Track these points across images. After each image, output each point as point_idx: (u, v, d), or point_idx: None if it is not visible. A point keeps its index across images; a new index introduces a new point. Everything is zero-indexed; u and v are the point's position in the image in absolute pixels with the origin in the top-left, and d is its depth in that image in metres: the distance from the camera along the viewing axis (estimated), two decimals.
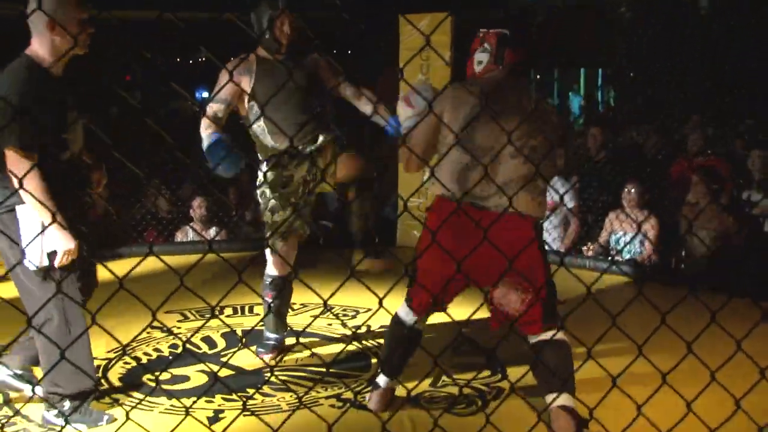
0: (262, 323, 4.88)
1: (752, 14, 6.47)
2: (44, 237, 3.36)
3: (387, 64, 7.82)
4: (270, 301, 4.77)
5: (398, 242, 7.66)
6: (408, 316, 3.85)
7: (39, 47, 3.42)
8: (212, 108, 4.48)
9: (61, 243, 3.41)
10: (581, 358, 2.85)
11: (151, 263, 2.69)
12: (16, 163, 3.29)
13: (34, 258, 3.40)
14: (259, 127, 4.52)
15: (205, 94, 13.85)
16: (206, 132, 4.34)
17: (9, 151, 3.31)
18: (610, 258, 6.82)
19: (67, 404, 3.66)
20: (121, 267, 3.09)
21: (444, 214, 3.57)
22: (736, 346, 2.24)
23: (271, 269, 4.77)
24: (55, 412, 3.71)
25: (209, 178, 8.41)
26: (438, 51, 3.35)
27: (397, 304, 3.74)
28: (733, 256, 6.27)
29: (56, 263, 3.46)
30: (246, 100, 4.53)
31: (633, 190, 6.70)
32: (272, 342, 4.87)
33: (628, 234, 6.84)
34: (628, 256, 6.80)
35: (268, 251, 4.76)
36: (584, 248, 7.17)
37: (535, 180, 3.51)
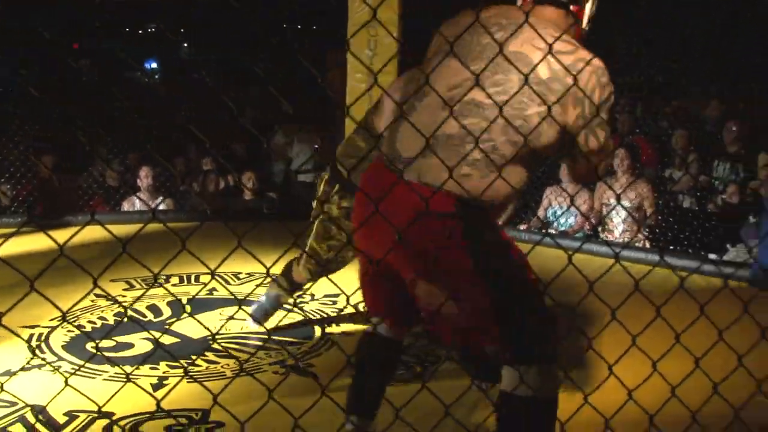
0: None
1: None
2: None
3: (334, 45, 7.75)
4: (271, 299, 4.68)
5: None
6: (373, 326, 2.89)
7: None
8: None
9: None
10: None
11: (98, 232, 2.59)
12: None
13: None
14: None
15: (154, 65, 13.69)
16: None
17: None
18: (544, 231, 6.86)
19: None
20: (66, 235, 3.02)
21: (366, 178, 2.65)
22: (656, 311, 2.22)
23: (298, 274, 4.56)
24: None
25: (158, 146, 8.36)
26: (386, 27, 3.20)
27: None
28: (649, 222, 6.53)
29: None
30: None
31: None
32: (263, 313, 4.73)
33: (563, 207, 6.93)
34: (562, 229, 6.89)
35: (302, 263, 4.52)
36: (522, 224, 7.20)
37: (489, 153, 2.37)
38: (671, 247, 6.23)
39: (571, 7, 2.60)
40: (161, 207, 7.62)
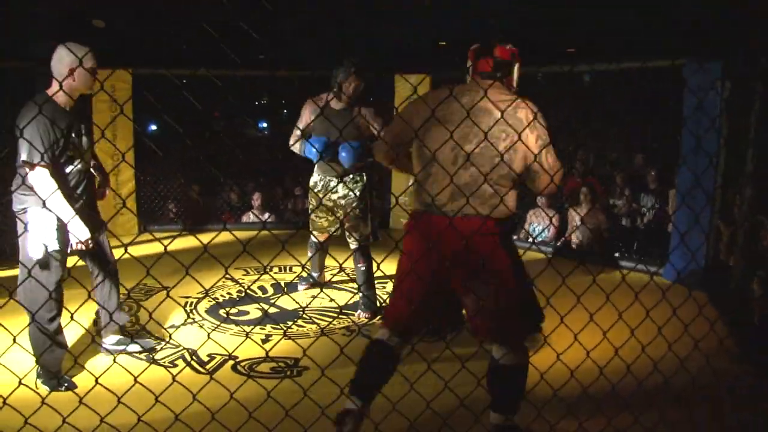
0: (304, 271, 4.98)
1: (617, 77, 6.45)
2: (44, 232, 3.03)
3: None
4: (312, 254, 4.83)
5: (391, 225, 7.61)
6: (384, 336, 2.63)
7: (56, 87, 3.05)
8: (297, 130, 4.35)
9: (78, 233, 3.07)
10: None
11: (227, 236, 2.64)
12: (32, 173, 2.95)
13: (35, 251, 3.04)
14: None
15: (264, 125, 13.85)
16: (298, 143, 4.31)
17: (26, 165, 2.94)
18: (529, 240, 6.80)
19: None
20: (207, 237, 3.05)
21: (411, 222, 2.62)
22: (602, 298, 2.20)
23: (313, 237, 4.65)
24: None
25: (266, 178, 8.41)
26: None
27: (386, 266, 3.58)
28: (604, 241, 6.41)
29: (74, 247, 3.12)
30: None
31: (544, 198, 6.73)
32: (312, 278, 5.01)
33: (540, 225, 6.88)
34: (540, 239, 6.83)
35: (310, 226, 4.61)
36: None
37: (492, 185, 2.43)
38: (616, 254, 6.14)
39: (505, 79, 2.68)
40: (268, 219, 7.66)
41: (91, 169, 3.37)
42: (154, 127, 13.42)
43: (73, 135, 3.15)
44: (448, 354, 2.48)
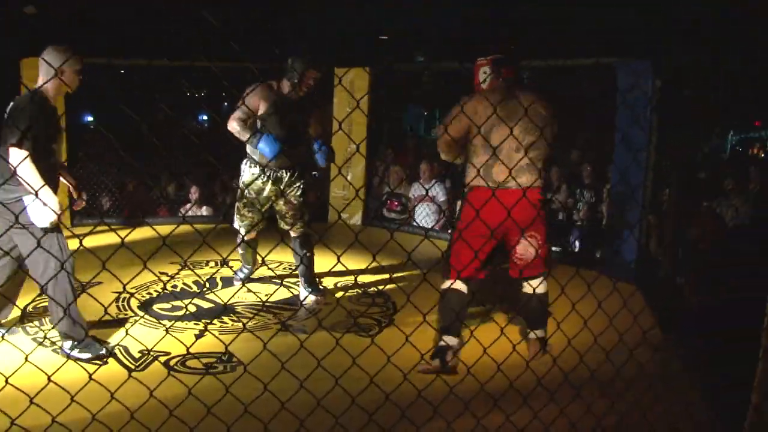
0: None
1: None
2: (43, 205, 3.17)
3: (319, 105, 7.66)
4: (242, 251, 4.70)
5: (329, 220, 7.58)
6: (455, 284, 3.46)
7: (47, 85, 3.31)
8: (242, 112, 4.16)
9: (52, 206, 3.21)
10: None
11: (164, 230, 2.57)
12: (16, 154, 3.13)
13: (43, 219, 3.22)
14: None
15: (205, 117, 13.55)
16: (243, 129, 4.15)
17: (11, 148, 3.14)
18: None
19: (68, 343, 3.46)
20: (145, 232, 2.94)
21: (478, 196, 3.36)
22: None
23: (242, 233, 4.57)
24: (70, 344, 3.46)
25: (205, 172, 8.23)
26: (350, 94, 3.14)
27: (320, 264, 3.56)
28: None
29: (47, 224, 3.27)
30: (257, 117, 4.24)
31: None
32: (246, 272, 4.85)
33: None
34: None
35: (236, 223, 4.55)
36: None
37: (535, 164, 3.39)
38: (554, 249, 6.23)
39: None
40: (205, 213, 7.51)
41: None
42: (90, 119, 13.01)
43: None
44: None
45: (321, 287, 4.68)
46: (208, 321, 4.09)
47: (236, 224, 4.51)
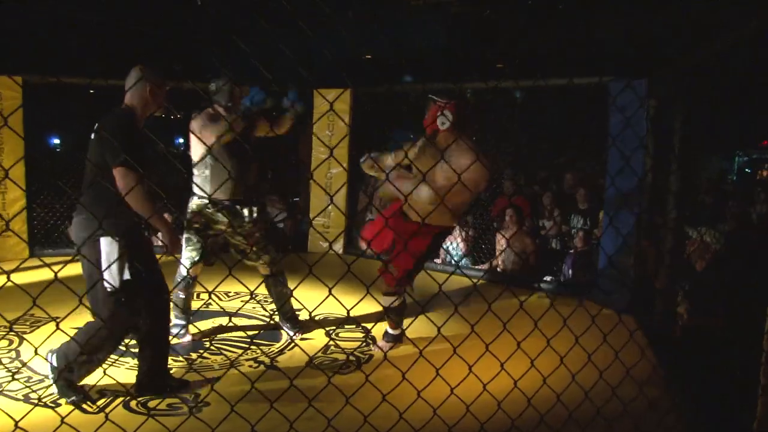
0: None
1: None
2: (121, 262, 3.08)
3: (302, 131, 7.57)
4: (184, 295, 4.31)
5: (309, 249, 7.48)
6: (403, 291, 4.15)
7: (137, 104, 3.24)
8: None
9: (173, 237, 3.16)
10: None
11: None
12: (125, 177, 2.99)
13: (112, 281, 3.08)
14: (204, 174, 4.14)
15: (181, 140, 13.43)
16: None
17: (117, 168, 2.99)
18: (451, 262, 6.78)
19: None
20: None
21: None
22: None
23: (184, 271, 4.23)
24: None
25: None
26: (340, 115, 3.14)
27: (302, 293, 3.43)
28: (529, 266, 6.43)
29: (172, 252, 3.19)
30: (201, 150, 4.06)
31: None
32: (184, 324, 4.34)
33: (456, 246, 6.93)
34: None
35: (184, 258, 4.20)
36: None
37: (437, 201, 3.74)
38: (547, 278, 6.19)
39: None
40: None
41: None
42: (57, 141, 12.85)
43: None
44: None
45: (299, 323, 4.55)
46: (177, 358, 3.94)
47: (185, 259, 4.21)
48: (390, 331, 4.29)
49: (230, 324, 4.58)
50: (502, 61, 9.04)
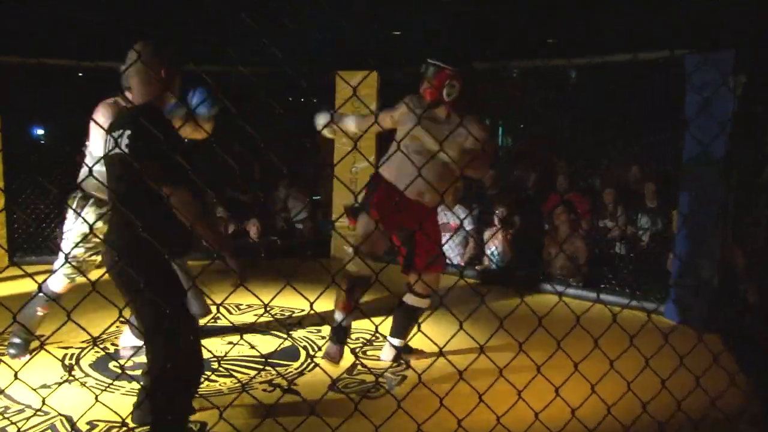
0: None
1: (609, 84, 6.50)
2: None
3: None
4: (40, 312, 4.07)
5: (332, 254, 7.49)
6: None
7: (152, 92, 2.82)
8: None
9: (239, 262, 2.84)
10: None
11: None
12: (188, 204, 2.66)
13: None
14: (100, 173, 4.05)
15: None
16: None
17: (179, 191, 2.64)
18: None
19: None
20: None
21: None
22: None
23: (57, 286, 4.11)
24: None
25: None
26: (364, 101, 3.12)
27: (325, 305, 3.46)
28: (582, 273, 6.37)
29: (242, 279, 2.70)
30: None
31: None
32: (18, 343, 4.14)
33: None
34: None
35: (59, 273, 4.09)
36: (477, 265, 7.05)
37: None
38: (604, 286, 6.12)
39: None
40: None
41: None
42: (40, 132, 13.01)
43: None
44: None
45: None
46: None
47: (61, 274, 4.12)
48: (396, 342, 4.39)
49: (241, 342, 4.59)
50: (552, 33, 8.97)
